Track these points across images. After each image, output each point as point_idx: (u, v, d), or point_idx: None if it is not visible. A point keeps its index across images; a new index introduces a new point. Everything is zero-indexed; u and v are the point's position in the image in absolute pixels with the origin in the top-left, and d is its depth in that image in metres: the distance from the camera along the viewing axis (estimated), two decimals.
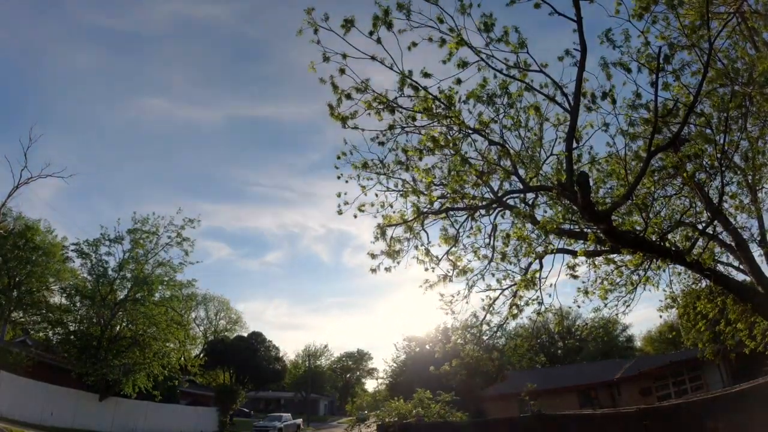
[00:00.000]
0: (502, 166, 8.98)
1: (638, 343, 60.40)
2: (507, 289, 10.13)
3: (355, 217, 9.11)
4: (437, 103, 7.49)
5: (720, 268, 10.96)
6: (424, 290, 9.67)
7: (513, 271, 10.07)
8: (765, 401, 7.54)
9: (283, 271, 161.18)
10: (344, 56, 6.58)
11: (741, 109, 8.75)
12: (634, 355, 48.07)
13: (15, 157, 53.26)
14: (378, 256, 9.09)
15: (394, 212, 9.14)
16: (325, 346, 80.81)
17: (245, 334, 71.15)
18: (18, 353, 23.08)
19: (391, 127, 7.90)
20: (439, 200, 9.10)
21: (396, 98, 7.32)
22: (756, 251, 10.56)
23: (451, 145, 8.13)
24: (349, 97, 7.11)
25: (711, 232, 10.22)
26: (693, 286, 12.45)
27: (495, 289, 10.20)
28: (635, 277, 10.92)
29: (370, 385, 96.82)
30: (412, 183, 9.09)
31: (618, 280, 10.96)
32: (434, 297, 10.10)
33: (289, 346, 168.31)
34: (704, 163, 9.17)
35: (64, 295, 28.25)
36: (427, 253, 9.34)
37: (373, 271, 9.05)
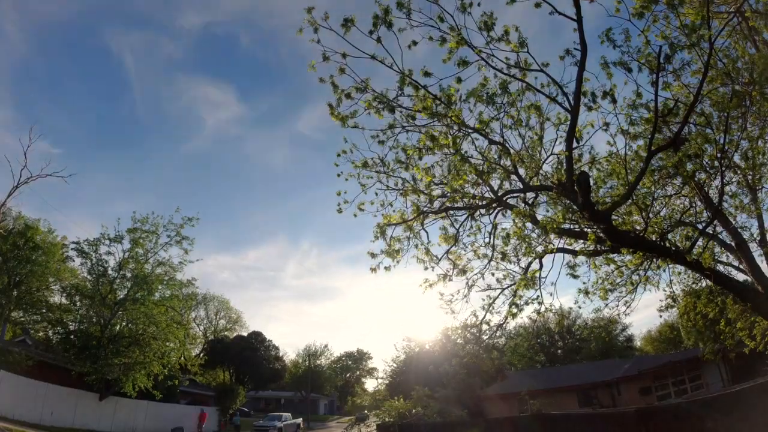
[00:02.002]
0: (502, 165, 8.97)
1: (638, 343, 60.43)
2: (507, 288, 10.13)
3: (355, 216, 9.11)
4: (437, 102, 7.49)
5: (720, 267, 10.97)
6: (423, 289, 9.68)
7: (513, 271, 10.08)
8: (764, 401, 7.54)
9: (324, 163, 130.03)
10: (344, 55, 6.58)
11: (741, 109, 8.74)
12: (634, 354, 48.04)
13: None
14: (378, 255, 9.09)
15: (393, 211, 9.14)
16: (326, 346, 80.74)
17: (245, 334, 71.21)
18: (18, 353, 23.05)
19: (391, 126, 7.90)
20: (439, 199, 9.09)
21: (396, 97, 7.31)
22: (756, 251, 10.56)
23: (450, 144, 8.12)
24: (349, 96, 7.11)
25: (711, 232, 10.22)
26: (693, 286, 12.46)
27: (495, 289, 10.21)
28: (635, 277, 10.92)
29: (370, 384, 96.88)
30: (412, 182, 9.08)
31: (618, 280, 10.96)
32: (434, 297, 10.12)
33: (293, 338, 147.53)
34: (704, 162, 9.17)
35: (64, 294, 28.26)
36: (427, 252, 9.34)
37: (373, 270, 9.04)
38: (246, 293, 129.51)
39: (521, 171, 9.19)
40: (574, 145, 7.62)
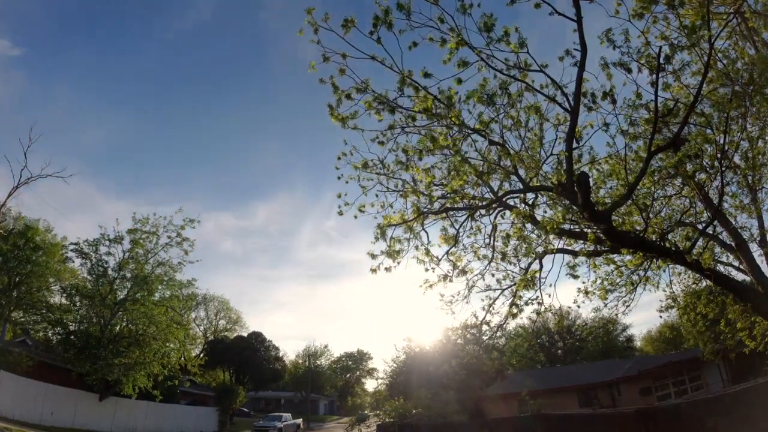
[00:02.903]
0: (502, 165, 8.98)
1: (638, 343, 60.45)
2: (507, 289, 10.13)
3: (355, 217, 9.12)
4: (437, 103, 7.49)
5: (720, 268, 10.98)
6: (424, 290, 9.68)
7: (513, 271, 10.08)
8: (764, 401, 7.55)
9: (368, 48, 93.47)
10: (344, 56, 6.57)
11: (741, 109, 8.75)
12: (634, 355, 48.07)
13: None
14: (378, 256, 9.08)
15: (394, 212, 9.14)
16: (326, 346, 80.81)
17: (245, 334, 71.21)
18: (18, 353, 23.05)
19: (391, 127, 7.90)
20: (439, 200, 9.09)
21: (396, 98, 7.31)
22: (756, 251, 10.57)
23: (450, 144, 8.12)
24: (349, 97, 7.10)
25: (711, 232, 10.22)
26: (693, 286, 12.46)
27: (495, 289, 10.21)
28: (635, 277, 10.93)
29: (370, 385, 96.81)
30: (412, 183, 9.09)
31: (618, 280, 10.97)
32: (435, 298, 10.12)
33: (299, 328, 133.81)
34: (704, 163, 9.18)
35: (64, 294, 28.25)
36: (427, 253, 9.33)
37: (373, 271, 9.04)
38: (251, 270, 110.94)
39: (521, 171, 9.19)
40: (574, 145, 7.62)
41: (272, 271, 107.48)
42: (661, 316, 12.65)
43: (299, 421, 47.75)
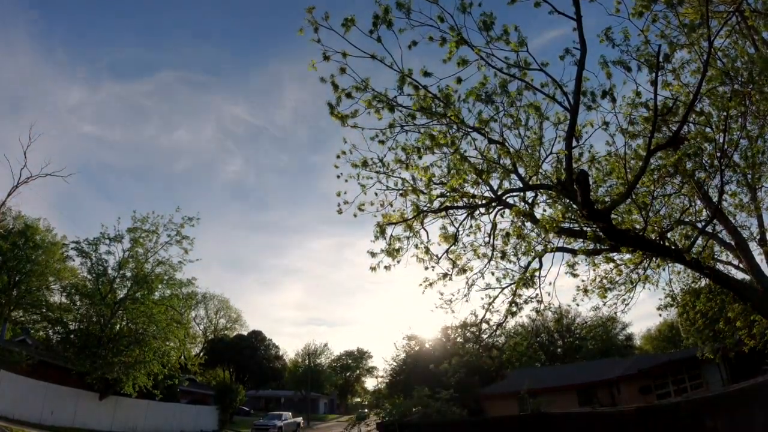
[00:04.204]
0: (501, 164, 8.99)
1: (638, 342, 60.57)
2: (506, 287, 10.14)
3: (355, 216, 9.12)
4: (436, 101, 7.49)
5: (719, 266, 10.99)
6: (423, 288, 9.69)
7: (512, 270, 10.09)
8: (764, 400, 7.56)
9: None
10: (344, 55, 6.57)
11: (740, 108, 8.75)
12: (633, 353, 48.11)
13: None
14: (378, 254, 9.10)
15: (393, 211, 9.15)
16: (325, 345, 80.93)
17: (245, 333, 71.32)
18: (18, 352, 23.07)
19: (390, 126, 7.91)
20: (438, 199, 9.10)
21: (396, 97, 7.31)
22: (755, 250, 10.58)
23: (450, 143, 8.13)
24: (349, 96, 7.11)
25: (710, 231, 10.24)
26: (692, 285, 12.47)
27: (494, 288, 10.22)
28: (635, 276, 10.95)
29: (370, 383, 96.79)
30: (411, 182, 9.10)
31: (617, 278, 10.98)
32: (434, 296, 10.14)
33: (313, 311, 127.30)
34: (704, 161, 9.19)
35: (64, 294, 28.27)
36: (427, 251, 9.35)
37: (373, 269, 9.05)
38: (261, 215, 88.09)
39: (521, 170, 9.21)
40: (574, 143, 7.62)
41: (289, 216, 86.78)
42: (660, 315, 12.70)
43: (299, 419, 47.77)
